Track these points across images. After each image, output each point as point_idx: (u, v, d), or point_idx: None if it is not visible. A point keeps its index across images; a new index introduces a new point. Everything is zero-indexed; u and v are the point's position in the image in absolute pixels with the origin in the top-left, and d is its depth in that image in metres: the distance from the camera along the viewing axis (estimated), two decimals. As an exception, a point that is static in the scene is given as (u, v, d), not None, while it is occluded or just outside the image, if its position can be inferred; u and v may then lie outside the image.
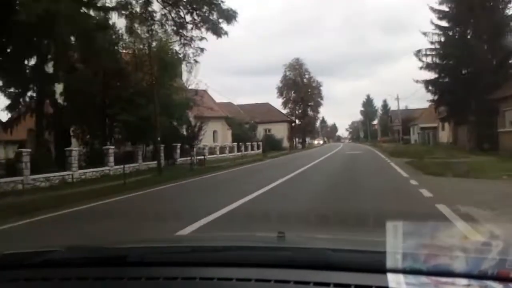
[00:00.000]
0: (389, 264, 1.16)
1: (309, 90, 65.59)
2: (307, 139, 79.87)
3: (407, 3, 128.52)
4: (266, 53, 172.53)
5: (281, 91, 65.93)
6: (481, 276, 1.09)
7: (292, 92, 65.40)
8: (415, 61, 28.16)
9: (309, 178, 14.69)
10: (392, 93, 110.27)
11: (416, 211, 6.74)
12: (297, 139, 64.27)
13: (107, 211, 9.26)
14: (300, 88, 64.22)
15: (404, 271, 1.13)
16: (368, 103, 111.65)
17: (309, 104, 66.83)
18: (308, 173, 16.88)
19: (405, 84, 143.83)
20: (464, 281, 1.09)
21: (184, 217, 6.93)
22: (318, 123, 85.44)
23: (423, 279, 1.11)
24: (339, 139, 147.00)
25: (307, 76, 66.91)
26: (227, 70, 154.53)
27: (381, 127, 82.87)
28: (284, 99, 65.99)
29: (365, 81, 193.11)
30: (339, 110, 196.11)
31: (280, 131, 53.54)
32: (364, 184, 11.95)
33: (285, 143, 53.13)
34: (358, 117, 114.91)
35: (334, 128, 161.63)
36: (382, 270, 1.15)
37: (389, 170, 16.31)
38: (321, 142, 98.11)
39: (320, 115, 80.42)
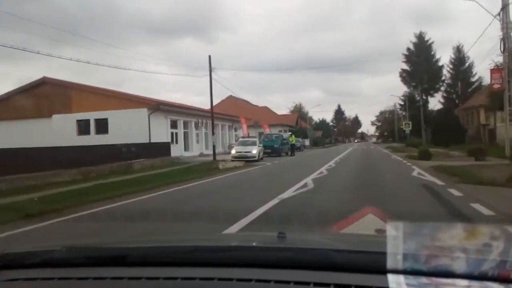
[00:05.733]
0: (390, 264, 1.16)
1: None
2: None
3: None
4: (289, 48, 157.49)
5: None
6: (482, 277, 1.09)
7: None
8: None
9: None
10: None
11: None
12: None
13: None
14: None
15: (405, 272, 1.13)
16: (420, 53, 49.84)
17: None
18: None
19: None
20: (464, 282, 1.09)
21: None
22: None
23: (424, 280, 1.11)
24: (362, 137, 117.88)
25: None
26: (249, 66, 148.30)
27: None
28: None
29: (394, 76, 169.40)
30: (367, 108, 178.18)
31: None
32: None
33: None
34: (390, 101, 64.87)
35: (356, 122, 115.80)
36: (382, 270, 1.15)
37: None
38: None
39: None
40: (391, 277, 1.12)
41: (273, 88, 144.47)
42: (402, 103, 57.75)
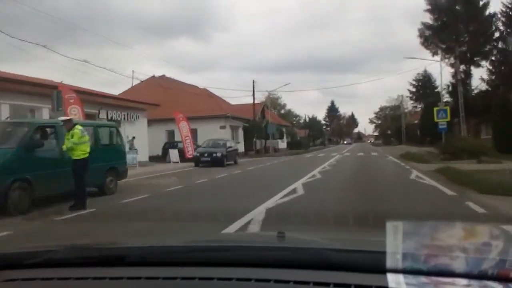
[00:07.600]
0: (389, 264, 1.15)
1: None
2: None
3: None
4: (287, 48, 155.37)
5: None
6: (481, 276, 1.09)
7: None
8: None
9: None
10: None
11: None
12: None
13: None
14: None
15: (404, 271, 1.13)
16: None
17: None
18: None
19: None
20: (464, 281, 1.09)
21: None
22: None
23: (423, 279, 1.11)
24: (359, 137, 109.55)
25: None
26: (247, 66, 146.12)
27: None
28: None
29: (392, 76, 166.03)
30: (363, 108, 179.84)
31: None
32: None
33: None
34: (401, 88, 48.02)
35: (352, 121, 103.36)
36: (382, 270, 1.15)
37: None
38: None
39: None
40: (390, 277, 1.12)
41: (268, 88, 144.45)
42: (414, 89, 37.95)
